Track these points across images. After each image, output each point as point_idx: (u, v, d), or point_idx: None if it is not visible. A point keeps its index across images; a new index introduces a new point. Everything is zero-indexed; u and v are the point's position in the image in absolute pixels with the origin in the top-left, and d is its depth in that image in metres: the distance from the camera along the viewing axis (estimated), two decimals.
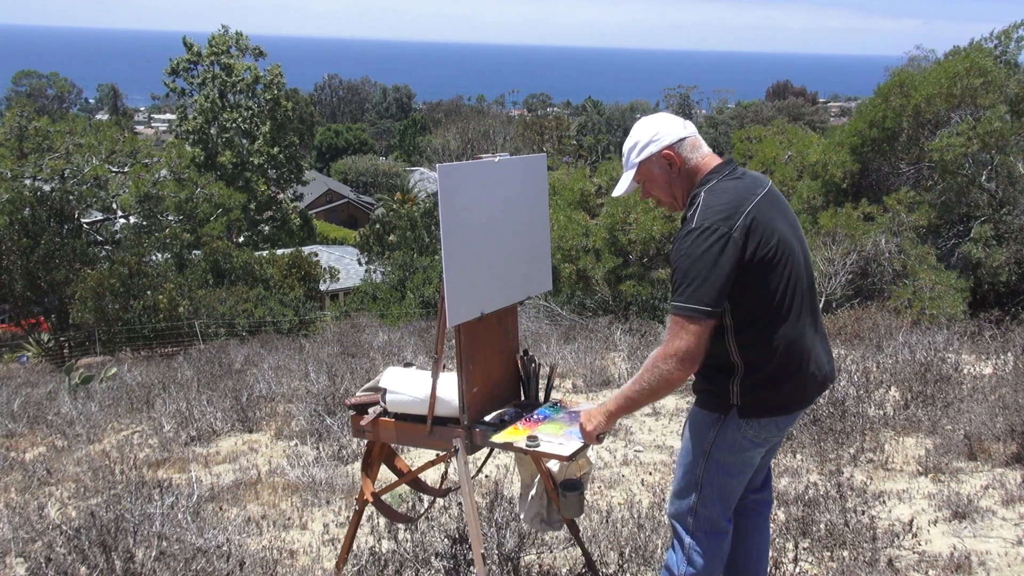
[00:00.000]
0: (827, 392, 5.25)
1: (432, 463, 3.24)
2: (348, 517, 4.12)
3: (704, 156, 2.56)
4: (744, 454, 2.57)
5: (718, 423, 2.53)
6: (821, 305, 13.51)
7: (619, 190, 2.68)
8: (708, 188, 2.47)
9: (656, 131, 2.55)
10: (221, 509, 4.42)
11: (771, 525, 3.76)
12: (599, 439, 2.63)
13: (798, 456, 4.73)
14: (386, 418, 3.08)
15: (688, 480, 2.61)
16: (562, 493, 3.04)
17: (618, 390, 2.54)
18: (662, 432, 5.57)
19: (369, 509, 3.58)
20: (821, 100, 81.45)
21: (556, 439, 2.80)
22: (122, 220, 20.99)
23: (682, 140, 2.55)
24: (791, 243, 2.48)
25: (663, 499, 4.15)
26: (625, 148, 2.62)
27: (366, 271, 25.36)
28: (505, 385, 3.12)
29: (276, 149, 35.90)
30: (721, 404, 2.52)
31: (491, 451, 3.25)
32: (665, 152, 2.53)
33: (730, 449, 2.54)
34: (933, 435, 4.92)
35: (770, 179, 2.66)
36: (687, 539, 2.61)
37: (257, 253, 23.40)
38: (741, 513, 2.77)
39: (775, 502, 4.00)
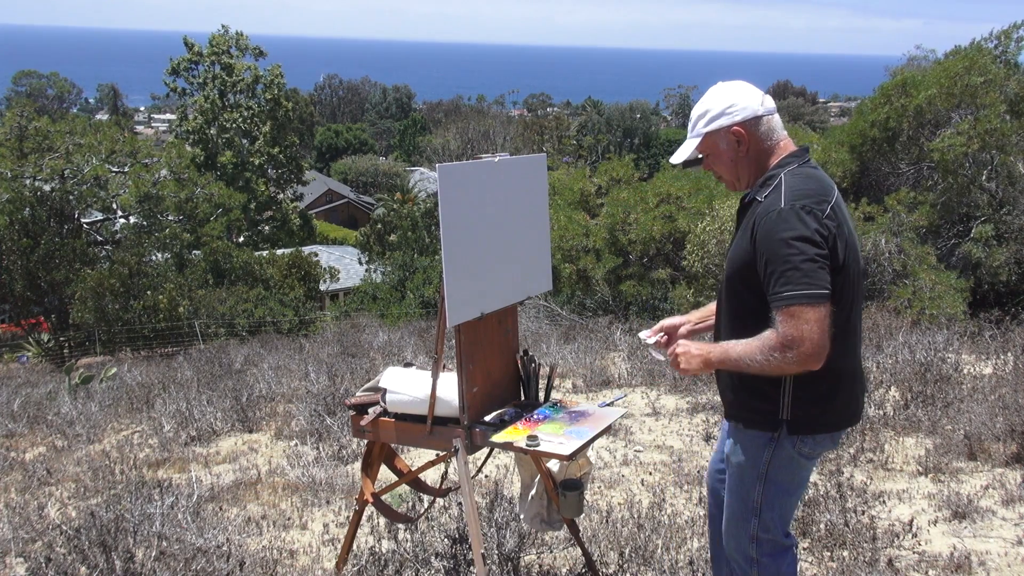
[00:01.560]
0: None
1: (432, 463, 3.24)
2: (348, 517, 4.12)
3: (779, 140, 2.39)
4: (802, 471, 2.45)
5: (772, 443, 2.38)
6: None
7: (679, 156, 2.48)
8: (790, 171, 2.32)
9: (732, 102, 2.37)
10: (221, 509, 4.42)
11: None
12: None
13: None
14: (386, 418, 3.08)
15: (745, 507, 2.47)
16: (562, 493, 3.04)
17: (724, 344, 2.34)
18: (662, 432, 5.57)
19: (369, 509, 3.57)
20: (821, 100, 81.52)
21: (556, 439, 2.80)
22: (122, 220, 20.99)
23: (758, 118, 2.36)
24: (857, 248, 2.35)
25: (663, 499, 4.15)
26: (694, 113, 2.43)
27: (366, 271, 25.36)
28: (505, 385, 3.12)
29: (276, 149, 35.91)
30: (770, 421, 2.36)
31: (491, 451, 3.25)
32: (736, 128, 2.36)
33: (788, 467, 2.41)
34: (933, 435, 4.92)
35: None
36: (753, 570, 2.49)
37: (257, 253, 23.40)
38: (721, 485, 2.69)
39: None
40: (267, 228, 35.20)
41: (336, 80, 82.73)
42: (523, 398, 3.19)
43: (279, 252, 24.63)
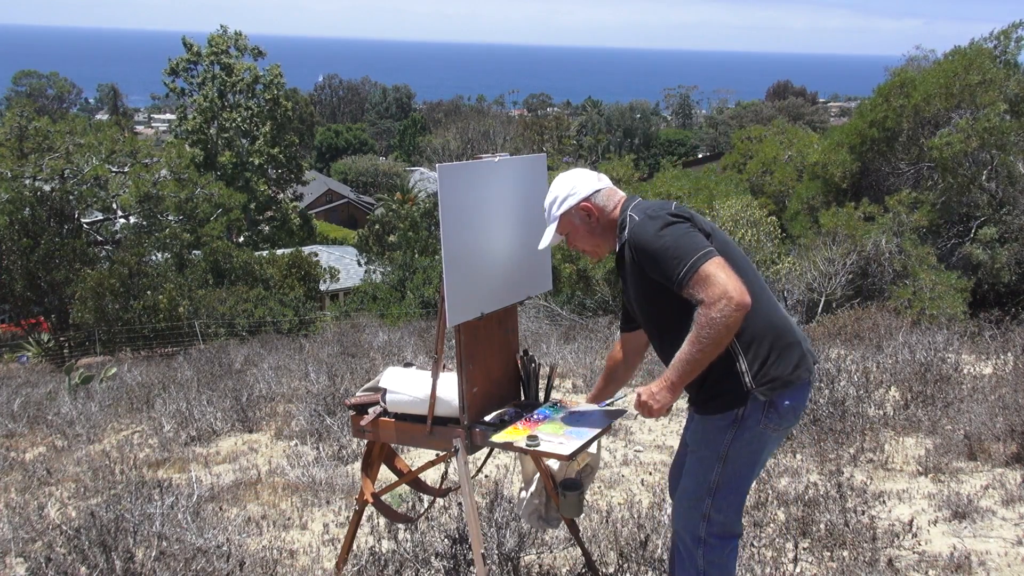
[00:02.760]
0: (827, 392, 5.25)
1: (432, 463, 3.24)
2: (348, 517, 4.12)
3: (617, 201, 2.71)
4: (762, 450, 2.57)
5: (735, 423, 2.52)
6: (821, 305, 13.51)
7: (544, 243, 2.77)
8: (632, 208, 2.63)
9: (573, 185, 2.70)
10: (221, 509, 4.42)
11: (772, 525, 3.76)
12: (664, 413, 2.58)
13: (798, 456, 4.73)
14: (386, 418, 3.08)
15: (701, 488, 2.58)
16: (562, 492, 3.04)
17: (673, 362, 2.47)
18: (662, 432, 5.57)
19: (369, 509, 3.58)
20: (821, 100, 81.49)
21: (556, 439, 2.80)
22: (122, 220, 20.99)
23: (597, 192, 2.70)
24: (726, 241, 2.59)
25: (663, 499, 4.15)
26: (545, 203, 2.75)
27: (366, 271, 25.36)
28: (505, 385, 3.12)
29: (276, 149, 35.91)
30: (735, 397, 2.51)
31: (491, 451, 3.25)
32: (583, 204, 2.68)
33: (748, 446, 2.54)
34: (933, 435, 4.92)
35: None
36: (699, 550, 2.58)
37: (257, 253, 23.41)
38: None
39: (777, 503, 4.00)
40: (267, 228, 35.20)
41: (336, 80, 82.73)
42: (523, 398, 3.19)
43: (279, 252, 24.63)
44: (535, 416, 2.99)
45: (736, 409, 2.51)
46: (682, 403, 6.14)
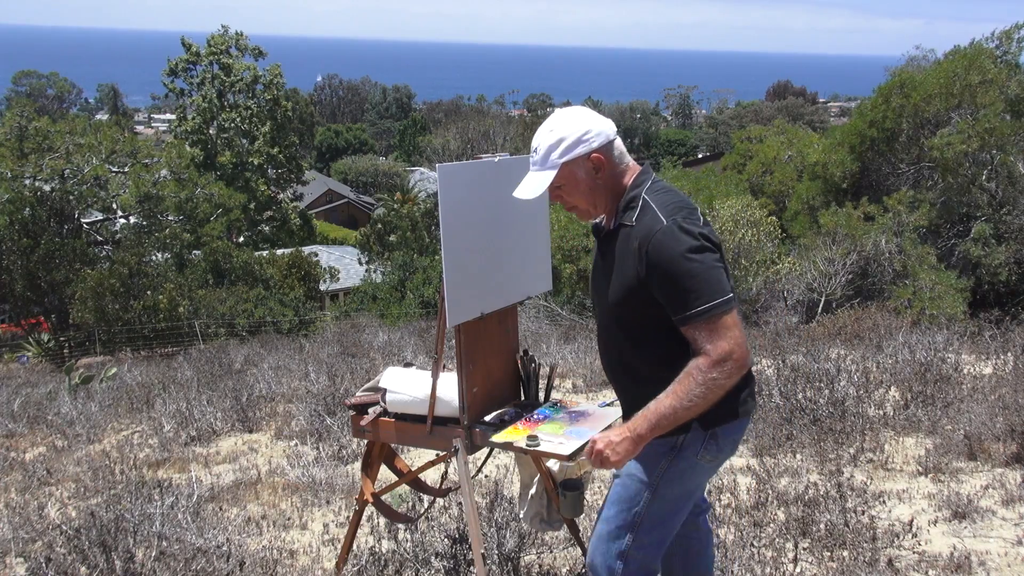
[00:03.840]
0: (827, 392, 5.26)
1: (432, 463, 3.24)
2: (348, 517, 4.12)
3: (629, 162, 2.36)
4: (694, 482, 2.38)
5: (672, 452, 2.30)
6: (820, 306, 13.52)
7: (533, 192, 2.34)
8: (648, 189, 2.28)
9: (587, 128, 2.28)
10: (221, 509, 4.42)
11: (768, 530, 3.76)
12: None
13: (798, 456, 4.73)
14: (386, 418, 3.08)
15: (623, 520, 2.34)
16: (562, 493, 3.04)
17: (646, 411, 2.20)
18: None
19: (369, 509, 3.58)
20: (821, 100, 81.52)
21: (556, 439, 2.80)
22: (122, 220, 21.00)
23: (611, 142, 2.31)
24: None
25: None
26: (543, 143, 2.31)
27: (366, 271, 25.37)
28: (505, 385, 3.12)
29: (276, 149, 35.90)
30: (681, 424, 2.25)
31: (491, 451, 3.25)
32: (596, 155, 2.29)
33: (680, 479, 2.33)
34: (933, 435, 4.92)
35: None
36: None
37: (257, 253, 23.41)
38: (692, 538, 2.64)
39: (777, 503, 4.00)
40: (267, 228, 35.19)
41: (336, 80, 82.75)
42: (523, 398, 3.19)
43: (279, 252, 24.63)
44: (535, 416, 2.99)
45: (677, 436, 2.27)
46: None
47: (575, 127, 2.29)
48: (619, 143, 2.34)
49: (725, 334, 2.13)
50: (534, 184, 2.35)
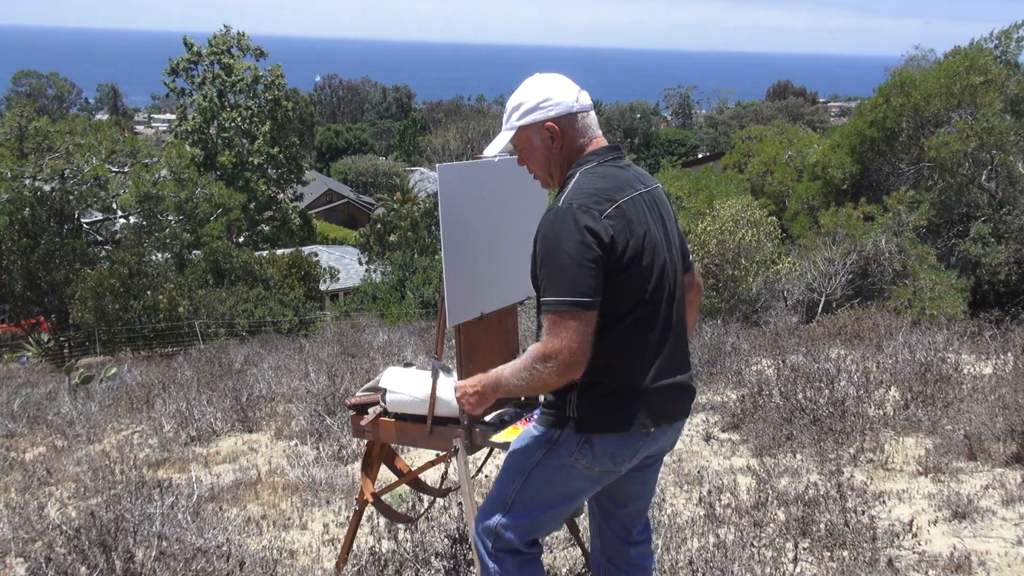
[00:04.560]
0: (827, 392, 5.25)
1: (432, 463, 3.24)
2: (348, 517, 4.12)
3: (591, 138, 2.29)
4: (568, 484, 2.28)
5: (548, 445, 2.27)
6: (820, 306, 13.51)
7: (491, 149, 2.37)
8: (586, 170, 2.23)
9: (547, 96, 2.25)
10: (221, 509, 4.42)
11: (768, 530, 3.76)
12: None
13: (798, 456, 4.73)
14: (386, 418, 3.08)
15: (498, 499, 2.36)
16: None
17: (495, 371, 2.29)
18: None
19: (369, 509, 3.58)
20: (821, 100, 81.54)
21: None
22: (122, 220, 21.00)
23: (573, 114, 2.26)
24: (660, 248, 2.23)
25: (663, 499, 4.15)
26: (509, 104, 2.32)
27: (366, 271, 25.36)
28: None
29: (276, 149, 35.90)
30: (558, 418, 2.25)
31: (491, 451, 3.25)
32: (550, 124, 2.25)
33: (553, 475, 2.28)
34: (933, 435, 4.92)
35: (659, 184, 2.39)
36: (490, 563, 2.37)
37: (257, 253, 23.40)
38: (622, 570, 2.53)
39: (777, 503, 4.00)
40: (267, 228, 35.19)
41: (336, 80, 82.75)
42: (523, 398, 3.19)
43: (279, 252, 24.63)
44: (535, 416, 2.99)
45: (554, 430, 2.26)
46: None
47: (536, 93, 2.27)
48: (585, 117, 2.28)
49: (561, 333, 2.10)
50: (495, 142, 2.37)
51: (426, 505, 3.86)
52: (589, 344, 2.11)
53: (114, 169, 20.31)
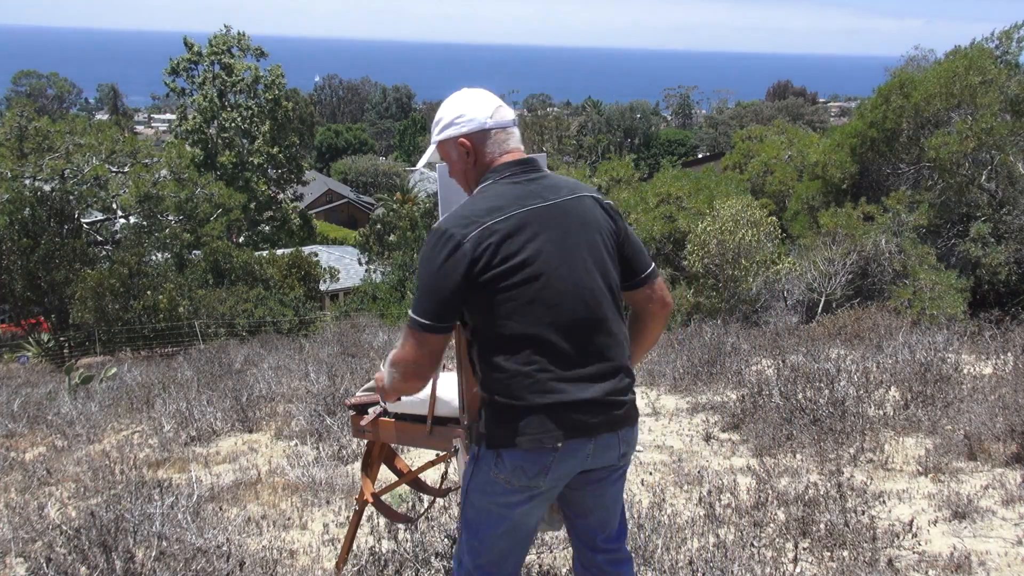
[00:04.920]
0: (827, 392, 5.25)
1: (432, 463, 3.24)
2: (348, 517, 4.12)
3: (502, 153, 2.30)
4: (499, 500, 2.26)
5: (474, 460, 2.31)
6: (820, 306, 13.51)
7: (420, 162, 2.56)
8: (480, 188, 2.29)
9: (461, 112, 2.30)
10: (221, 509, 4.42)
11: (768, 530, 3.76)
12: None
13: (798, 456, 4.73)
14: (386, 418, 3.08)
15: (460, 520, 2.40)
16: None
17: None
18: (662, 432, 5.57)
19: (369, 509, 3.58)
20: (821, 100, 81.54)
21: None
22: (122, 220, 21.00)
23: (485, 131, 2.29)
24: (554, 261, 2.20)
25: (663, 499, 4.15)
26: (434, 120, 2.40)
27: (366, 271, 25.37)
28: None
29: (276, 149, 35.91)
30: (476, 433, 2.31)
31: None
32: (462, 139, 2.30)
33: (483, 491, 2.28)
34: (933, 435, 4.92)
35: (586, 189, 2.35)
36: None
37: (257, 253, 23.41)
38: (593, 575, 2.51)
39: (777, 503, 4.00)
40: (267, 228, 35.20)
41: (336, 80, 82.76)
42: None
43: (279, 252, 24.64)
44: None
45: (476, 446, 2.31)
46: (673, 405, 6.15)
47: (452, 109, 2.32)
48: (499, 133, 2.30)
49: (404, 345, 2.24)
50: (424, 155, 2.47)
51: (426, 505, 3.86)
52: (427, 363, 2.24)
53: (114, 169, 20.31)
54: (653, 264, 2.47)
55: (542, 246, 2.19)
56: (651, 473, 4.76)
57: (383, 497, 3.43)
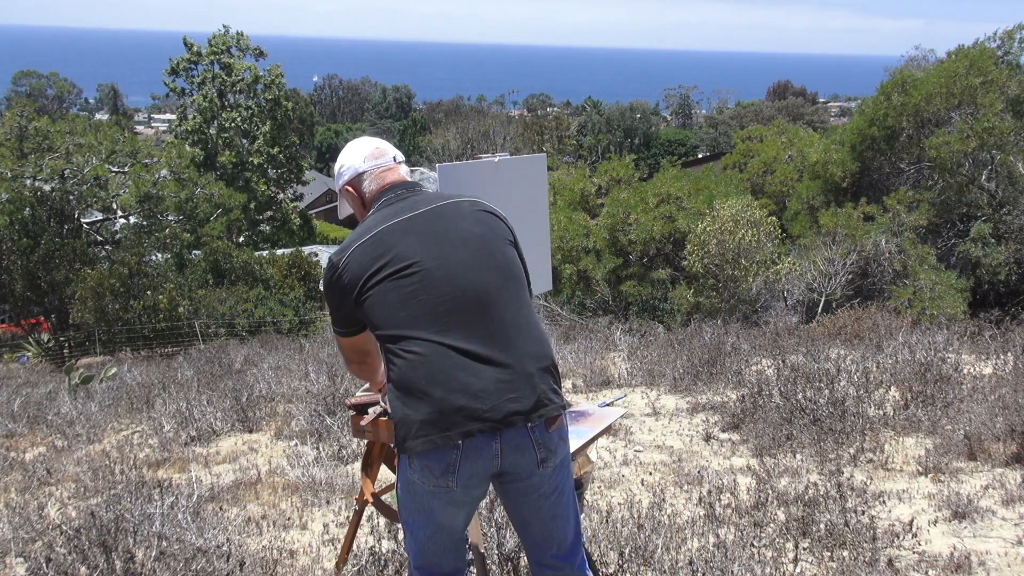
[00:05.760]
0: (827, 392, 5.24)
1: None
2: (348, 517, 4.12)
3: (380, 185, 2.53)
4: (419, 501, 2.31)
5: (402, 461, 2.33)
6: (820, 306, 13.51)
7: (341, 214, 2.82)
8: (362, 220, 2.52)
9: (342, 164, 2.59)
10: (221, 509, 4.42)
11: (768, 530, 3.75)
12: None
13: (798, 456, 4.73)
14: (386, 418, 3.08)
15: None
16: None
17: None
18: (662, 432, 5.57)
19: (369, 509, 3.58)
20: (821, 100, 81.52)
21: None
22: (122, 220, 21.01)
23: (360, 175, 2.54)
24: (414, 258, 2.29)
25: (663, 499, 4.15)
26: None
27: None
28: None
29: (276, 149, 35.89)
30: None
31: None
32: (346, 187, 2.57)
33: (409, 492, 2.33)
34: (933, 435, 4.92)
35: (465, 197, 2.50)
36: None
37: (257, 253, 23.41)
38: None
39: (777, 503, 4.00)
40: (267, 228, 35.19)
41: (336, 80, 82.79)
42: None
43: (279, 252, 24.63)
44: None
45: (398, 449, 2.34)
46: (673, 405, 6.14)
47: (338, 163, 2.61)
48: (372, 173, 2.53)
49: (340, 349, 2.63)
50: (341, 206, 2.82)
51: None
52: (348, 356, 2.62)
53: (114, 169, 20.31)
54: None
55: (405, 248, 2.33)
56: (651, 473, 4.76)
57: (383, 497, 3.43)
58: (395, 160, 2.57)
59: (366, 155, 2.56)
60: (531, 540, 2.46)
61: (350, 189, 2.57)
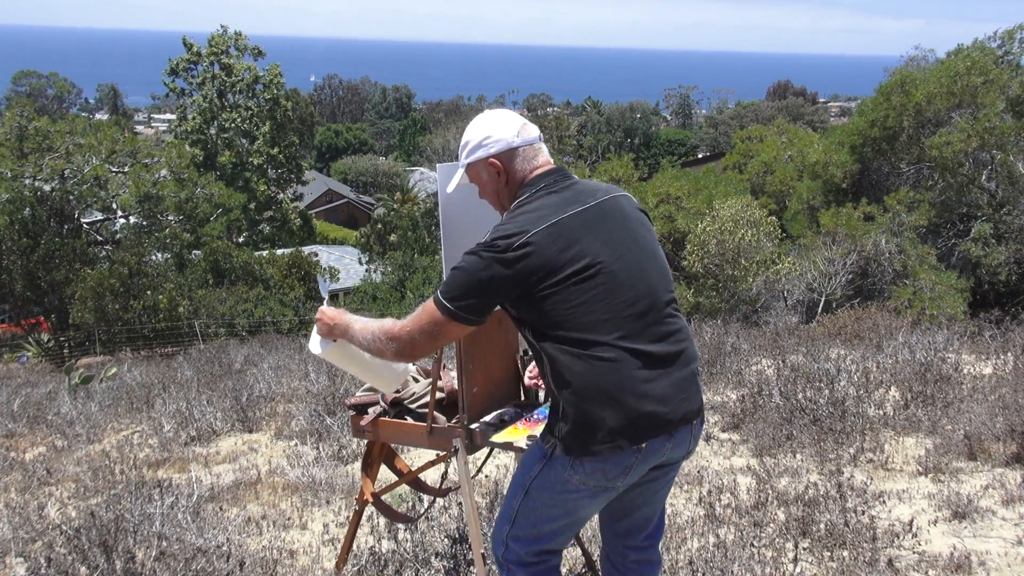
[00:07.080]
0: (827, 392, 5.25)
1: (432, 463, 3.24)
2: (348, 517, 4.12)
3: (533, 168, 2.35)
4: (567, 497, 2.30)
5: (545, 459, 2.31)
6: (821, 305, 13.51)
7: (450, 186, 2.55)
8: (519, 201, 2.32)
9: (488, 134, 2.36)
10: (221, 509, 4.42)
11: (768, 530, 3.76)
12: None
13: (798, 456, 4.73)
14: (386, 418, 3.08)
15: (505, 510, 2.43)
16: None
17: (357, 318, 2.48)
18: None
19: (369, 509, 3.58)
20: (821, 100, 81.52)
21: None
22: (122, 220, 21.00)
23: (513, 149, 2.35)
24: (599, 258, 2.21)
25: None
26: (461, 143, 2.45)
27: (366, 271, 25.37)
28: (505, 385, 3.12)
29: (276, 149, 35.90)
30: (551, 433, 2.31)
31: (491, 451, 3.25)
32: (492, 160, 2.36)
33: (551, 488, 2.31)
34: (933, 435, 4.92)
35: (618, 191, 2.40)
36: (501, 573, 2.46)
37: (257, 253, 23.41)
38: (621, 572, 2.55)
39: (777, 503, 4.00)
40: (267, 228, 35.19)
41: (336, 80, 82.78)
42: (523, 398, 3.19)
43: (279, 252, 24.63)
44: (535, 416, 2.99)
45: (549, 446, 2.31)
46: None
47: (478, 132, 2.38)
48: (527, 150, 2.35)
49: (418, 321, 2.27)
50: (453, 179, 2.53)
51: (426, 505, 3.85)
52: (430, 347, 2.30)
53: (114, 169, 20.31)
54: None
55: (588, 246, 2.21)
56: None
57: (383, 497, 3.43)
58: (540, 139, 2.41)
59: (519, 128, 2.37)
60: (630, 525, 2.49)
61: (496, 163, 2.34)
